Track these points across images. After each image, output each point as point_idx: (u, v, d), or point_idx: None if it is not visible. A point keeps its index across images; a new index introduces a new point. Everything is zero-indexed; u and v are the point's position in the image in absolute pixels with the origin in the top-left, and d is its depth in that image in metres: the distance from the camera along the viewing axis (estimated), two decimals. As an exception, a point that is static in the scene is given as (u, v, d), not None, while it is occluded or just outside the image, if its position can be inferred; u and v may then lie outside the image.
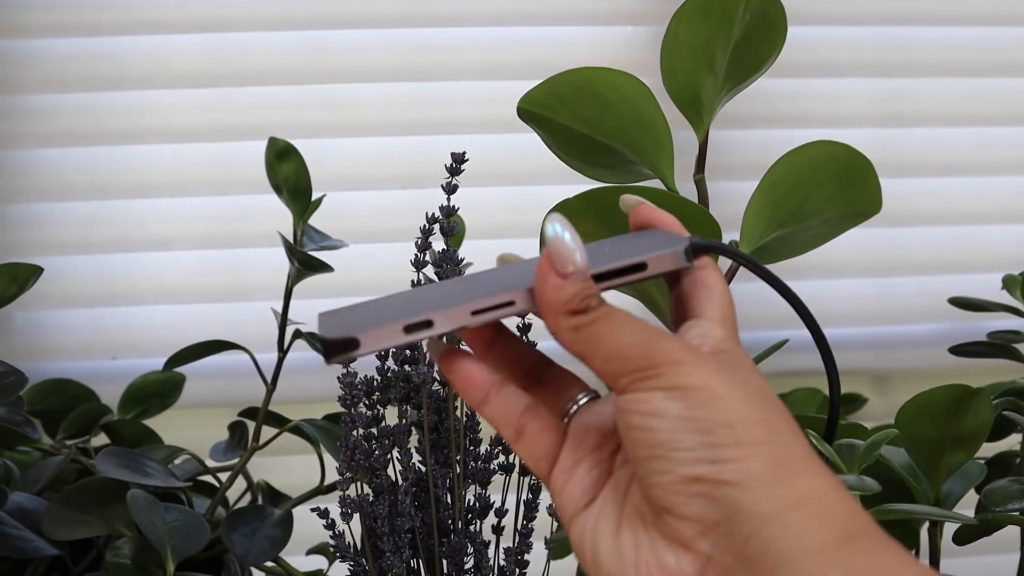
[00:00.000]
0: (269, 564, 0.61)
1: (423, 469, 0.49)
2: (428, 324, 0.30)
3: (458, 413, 0.49)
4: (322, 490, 0.66)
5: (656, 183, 0.49)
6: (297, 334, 0.67)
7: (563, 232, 0.31)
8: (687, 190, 0.49)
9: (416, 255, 0.50)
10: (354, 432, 0.47)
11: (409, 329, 0.30)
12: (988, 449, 0.60)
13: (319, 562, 0.72)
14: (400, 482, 0.48)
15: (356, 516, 0.48)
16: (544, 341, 0.39)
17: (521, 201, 0.95)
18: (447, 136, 0.94)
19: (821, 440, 0.45)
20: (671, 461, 0.28)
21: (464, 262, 0.51)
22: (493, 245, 0.97)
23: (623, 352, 0.30)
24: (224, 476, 0.68)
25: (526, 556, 0.50)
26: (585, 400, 0.34)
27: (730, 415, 0.29)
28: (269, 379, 0.67)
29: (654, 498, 0.29)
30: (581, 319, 0.30)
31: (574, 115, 0.50)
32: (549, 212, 0.32)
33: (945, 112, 1.00)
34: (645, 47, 0.96)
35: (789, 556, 0.27)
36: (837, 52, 0.99)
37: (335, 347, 0.30)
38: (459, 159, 0.49)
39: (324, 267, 0.64)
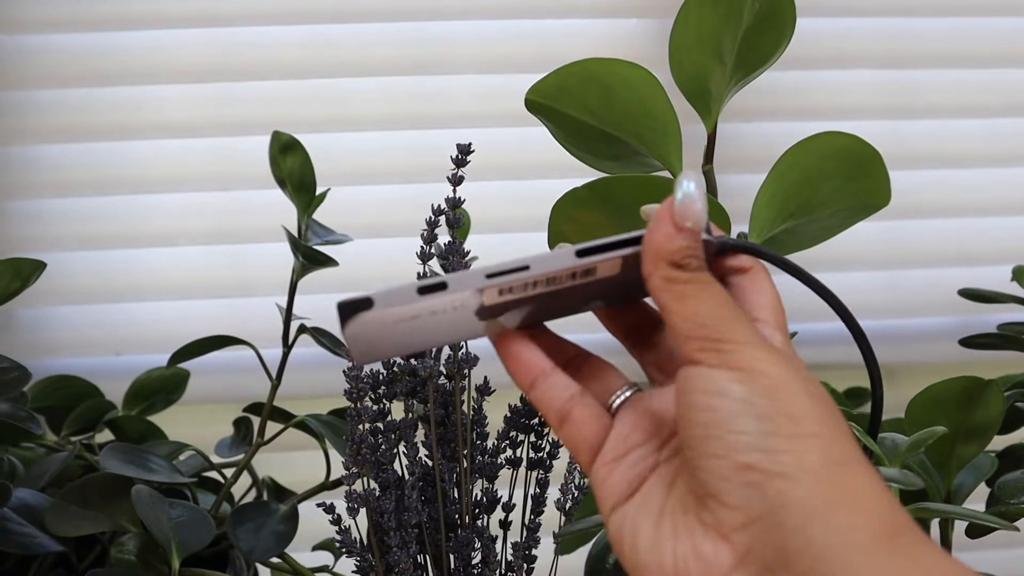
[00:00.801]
0: (275, 560, 0.61)
1: (430, 464, 0.48)
2: (442, 286, 0.30)
3: (464, 407, 0.49)
4: (327, 486, 0.66)
5: (664, 174, 0.49)
6: (302, 329, 0.66)
7: (696, 193, 0.31)
8: (695, 181, 0.48)
9: (422, 247, 0.49)
10: (360, 426, 0.46)
11: (423, 291, 0.30)
12: (999, 442, 0.60)
13: (325, 558, 0.71)
14: (407, 477, 0.48)
15: (362, 511, 0.47)
16: (583, 335, 0.38)
17: (526, 195, 0.94)
18: (452, 130, 0.93)
19: (865, 434, 0.44)
20: (726, 444, 0.28)
21: (470, 255, 0.50)
22: (498, 239, 0.97)
23: (702, 317, 0.30)
24: (229, 472, 0.68)
25: (534, 551, 0.50)
26: (629, 393, 0.34)
27: (792, 407, 0.29)
28: (274, 374, 0.66)
29: (702, 482, 0.29)
30: (678, 274, 0.30)
31: (582, 106, 0.50)
32: (684, 174, 0.32)
33: (953, 103, 0.99)
34: (651, 40, 0.96)
35: (831, 552, 0.27)
36: (843, 44, 0.98)
37: (348, 308, 0.30)
38: (465, 151, 0.49)
39: (329, 261, 0.63)
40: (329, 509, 0.48)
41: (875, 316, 0.99)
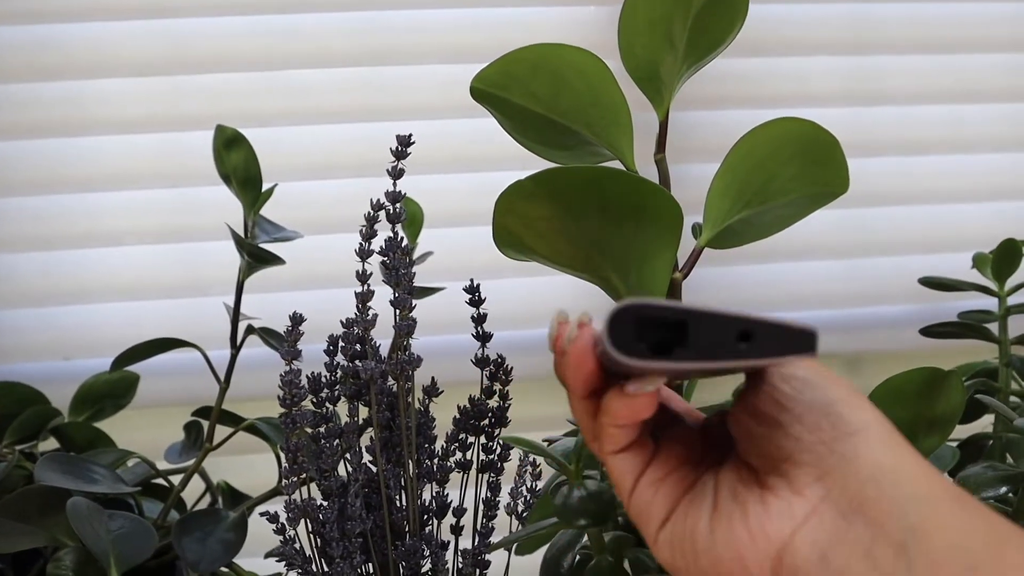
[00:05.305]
0: (223, 570, 0.59)
1: (375, 469, 0.46)
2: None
3: (411, 409, 0.47)
4: (280, 491, 0.64)
5: (616, 163, 0.47)
6: (250, 330, 0.64)
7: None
8: (649, 172, 0.47)
9: (361, 244, 0.47)
10: (296, 434, 0.44)
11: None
12: (963, 431, 0.59)
13: (279, 565, 0.69)
14: (350, 484, 0.46)
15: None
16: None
17: (485, 187, 0.92)
18: (408, 122, 0.91)
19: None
20: (797, 413, 0.32)
21: (416, 250, 0.49)
22: (455, 233, 0.95)
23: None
24: (180, 479, 0.66)
25: (486, 556, 0.48)
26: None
27: (846, 391, 0.33)
28: (223, 376, 0.64)
29: (776, 448, 0.32)
30: None
31: (529, 94, 0.48)
32: None
33: (915, 90, 0.99)
34: (610, 27, 0.94)
35: (905, 500, 0.30)
36: (803, 30, 0.97)
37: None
38: (405, 142, 0.47)
39: (275, 259, 0.61)
40: (273, 518, 0.46)
41: (837, 305, 0.98)
